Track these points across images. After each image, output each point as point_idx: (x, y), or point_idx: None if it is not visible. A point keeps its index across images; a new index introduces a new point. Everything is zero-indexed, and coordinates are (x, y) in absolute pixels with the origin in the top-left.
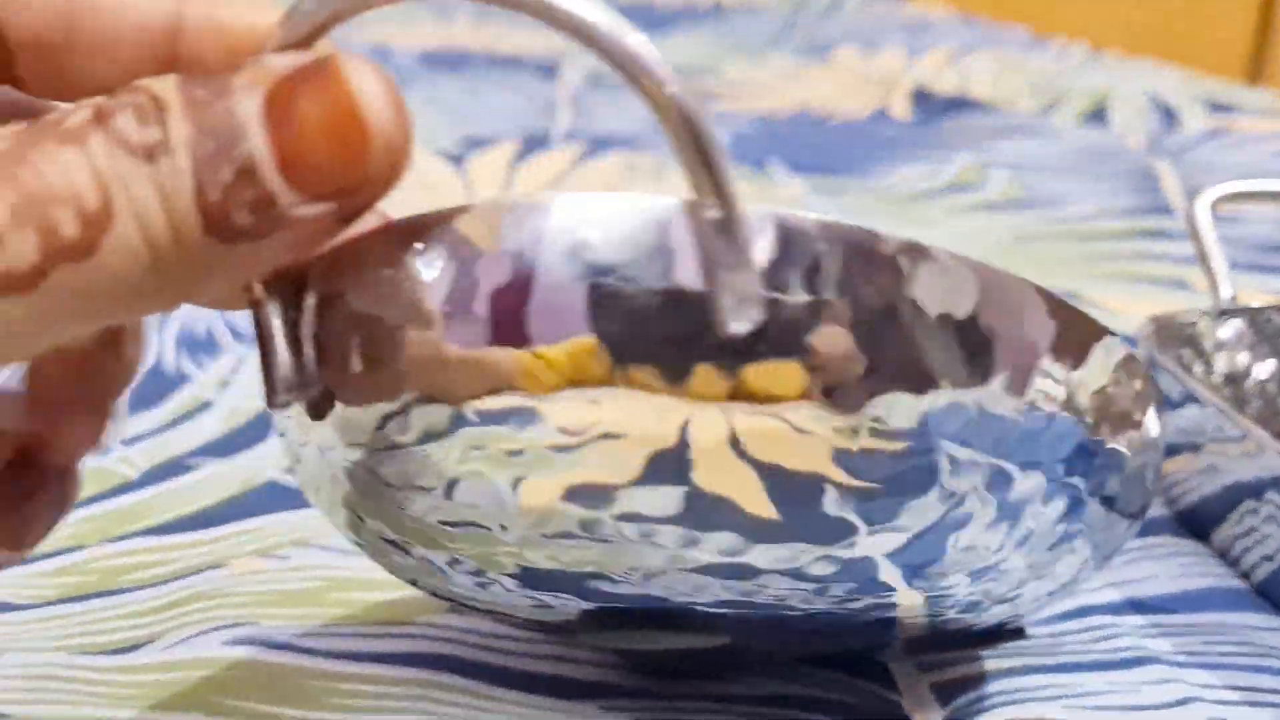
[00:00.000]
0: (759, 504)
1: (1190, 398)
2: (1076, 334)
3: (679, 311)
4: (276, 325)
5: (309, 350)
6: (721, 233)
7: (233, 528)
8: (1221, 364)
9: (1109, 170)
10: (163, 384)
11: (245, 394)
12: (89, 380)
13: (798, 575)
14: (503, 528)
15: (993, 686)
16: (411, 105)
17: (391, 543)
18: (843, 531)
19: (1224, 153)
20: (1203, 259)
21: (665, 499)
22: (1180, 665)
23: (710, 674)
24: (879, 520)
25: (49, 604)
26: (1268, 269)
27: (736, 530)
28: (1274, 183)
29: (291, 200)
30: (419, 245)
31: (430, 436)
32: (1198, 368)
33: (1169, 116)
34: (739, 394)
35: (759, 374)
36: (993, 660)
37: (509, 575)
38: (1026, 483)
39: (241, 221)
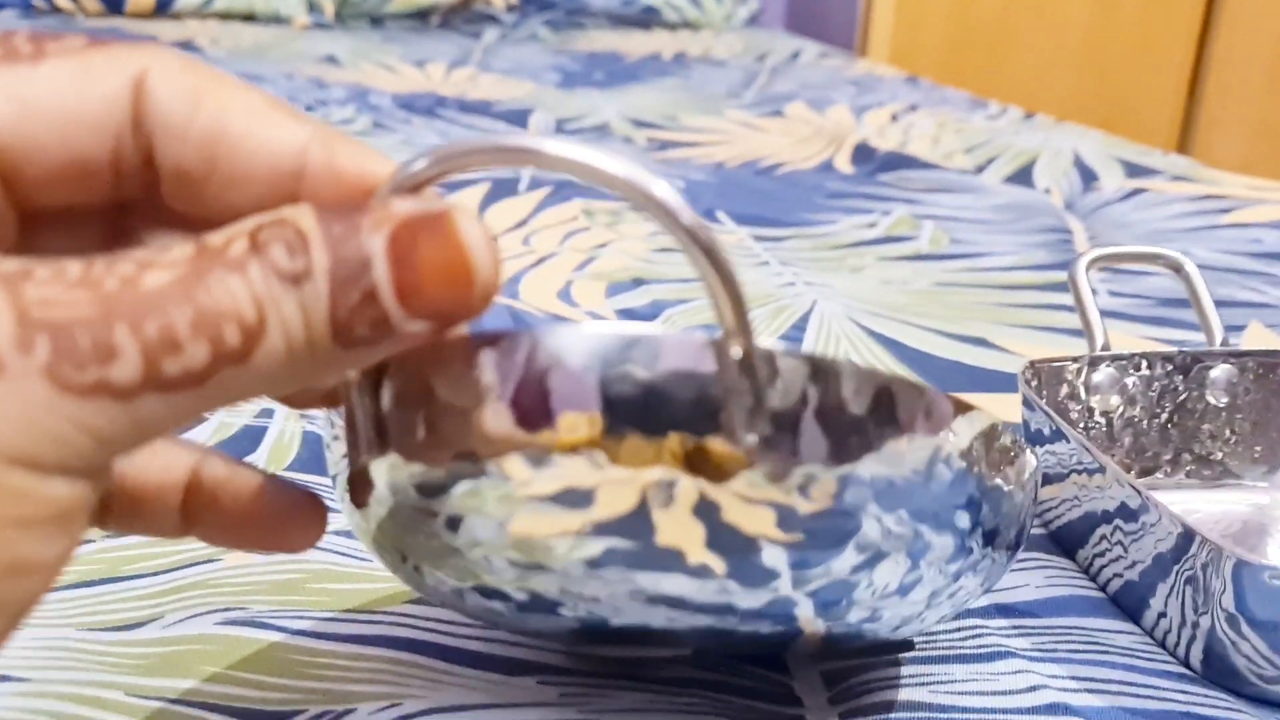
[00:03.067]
0: (702, 554)
1: (1060, 434)
2: (961, 413)
3: (664, 395)
4: (363, 403)
5: (385, 422)
6: (742, 368)
7: None
8: (1096, 404)
9: (1029, 226)
10: None
11: (231, 409)
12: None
13: (727, 610)
14: (496, 559)
15: (873, 674)
16: (387, 146)
17: (419, 570)
18: (771, 576)
19: (1137, 211)
20: (1081, 312)
21: (628, 545)
22: (1034, 659)
23: (646, 668)
24: (803, 567)
25: (62, 588)
26: (1167, 322)
27: (684, 573)
28: (1139, 248)
29: (403, 320)
30: (487, 351)
31: (459, 490)
32: (1075, 407)
33: (1089, 177)
34: (699, 457)
35: (718, 444)
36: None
37: (512, 599)
38: (928, 532)
39: (361, 334)
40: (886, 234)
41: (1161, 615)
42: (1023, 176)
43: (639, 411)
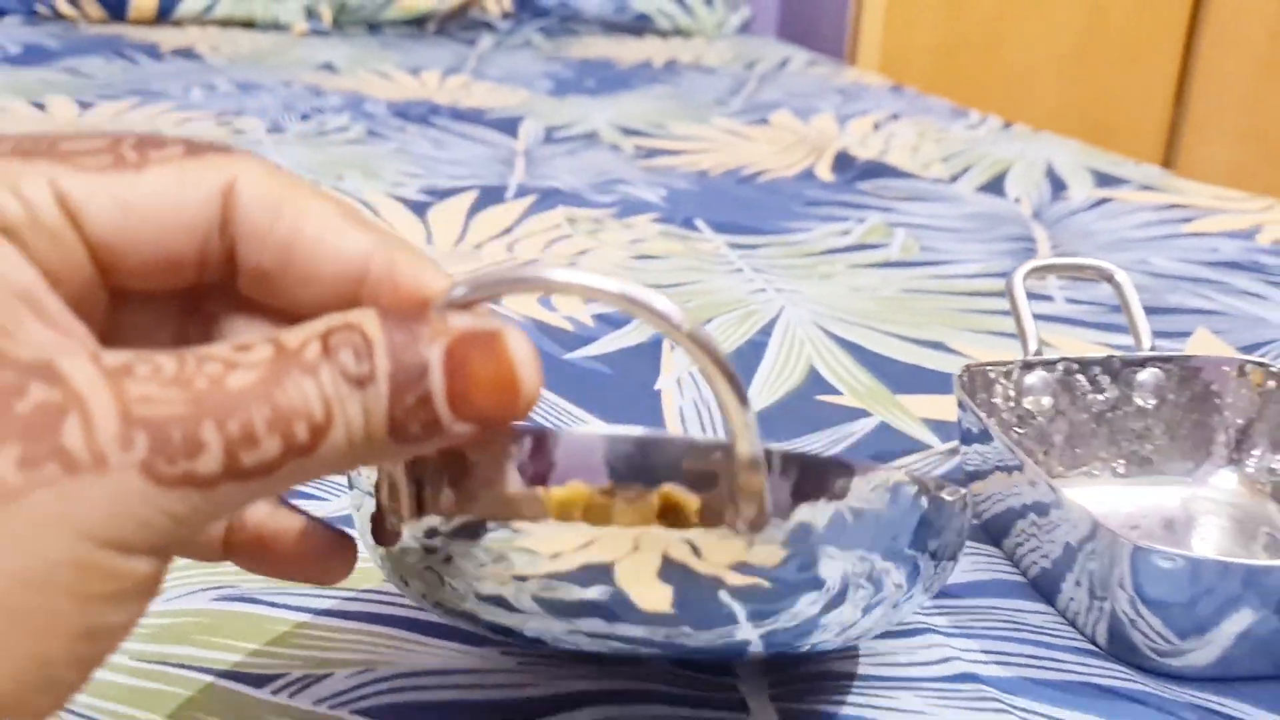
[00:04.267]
0: (659, 602)
1: (989, 434)
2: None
3: (648, 458)
4: (401, 474)
5: (422, 487)
6: (749, 466)
7: None
8: (1030, 405)
9: (997, 234)
10: None
11: None
12: None
13: (683, 648)
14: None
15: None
16: (381, 155)
17: (425, 595)
18: (730, 619)
19: (1102, 220)
20: (1016, 319)
21: (594, 592)
22: (950, 635)
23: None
24: (764, 612)
25: None
26: (1118, 327)
27: (642, 622)
28: (1073, 259)
29: (452, 423)
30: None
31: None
32: (1009, 408)
33: (1059, 186)
34: (672, 507)
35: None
36: None
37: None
38: (887, 563)
39: (414, 432)
40: (859, 241)
41: (1072, 597)
42: (995, 186)
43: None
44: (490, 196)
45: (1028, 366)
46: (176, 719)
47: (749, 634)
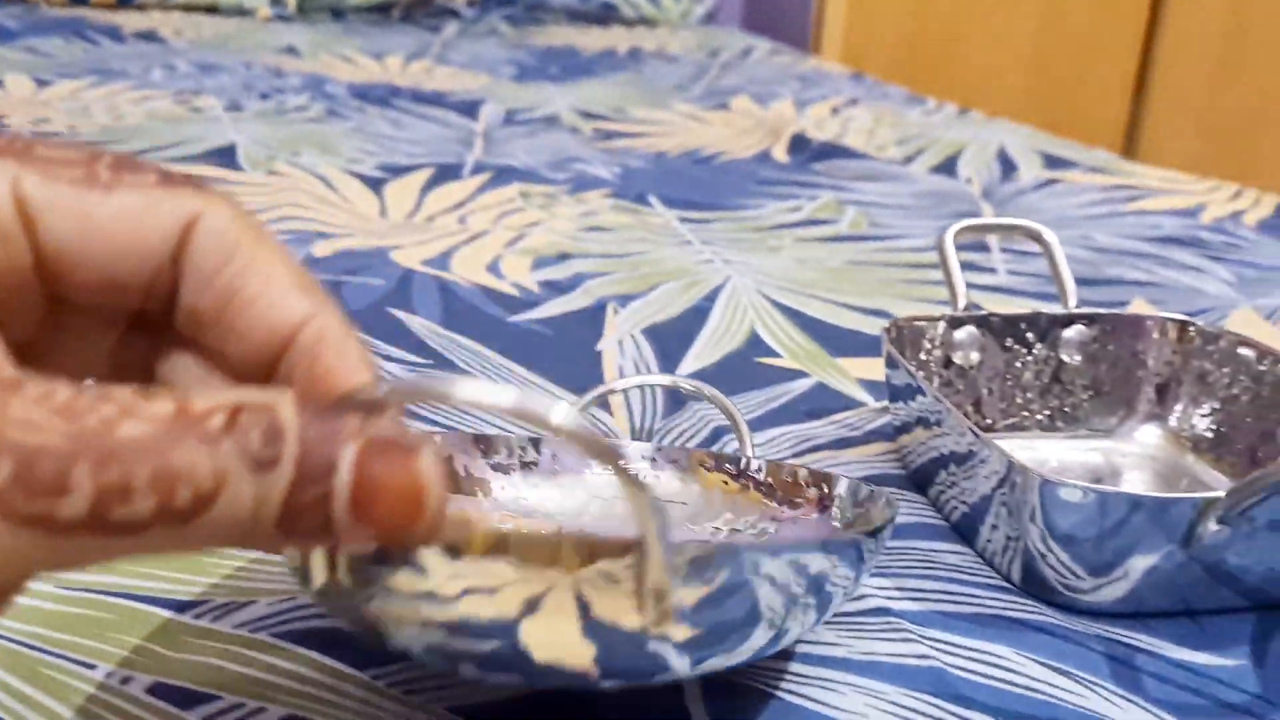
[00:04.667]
0: (580, 658)
1: (917, 388)
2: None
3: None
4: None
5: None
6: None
7: None
8: (959, 360)
9: (945, 211)
10: None
11: None
12: None
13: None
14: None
15: None
16: (339, 133)
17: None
18: (662, 665)
19: (1048, 199)
20: (946, 276)
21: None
22: (876, 574)
23: None
24: (706, 654)
25: None
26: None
27: (560, 681)
28: (1003, 220)
29: (346, 528)
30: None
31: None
32: (937, 364)
33: (1010, 168)
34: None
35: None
36: None
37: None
38: (829, 579)
39: (303, 528)
40: (810, 217)
41: (989, 538)
42: (947, 167)
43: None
44: (446, 173)
45: (956, 322)
46: (100, 640)
47: (682, 667)
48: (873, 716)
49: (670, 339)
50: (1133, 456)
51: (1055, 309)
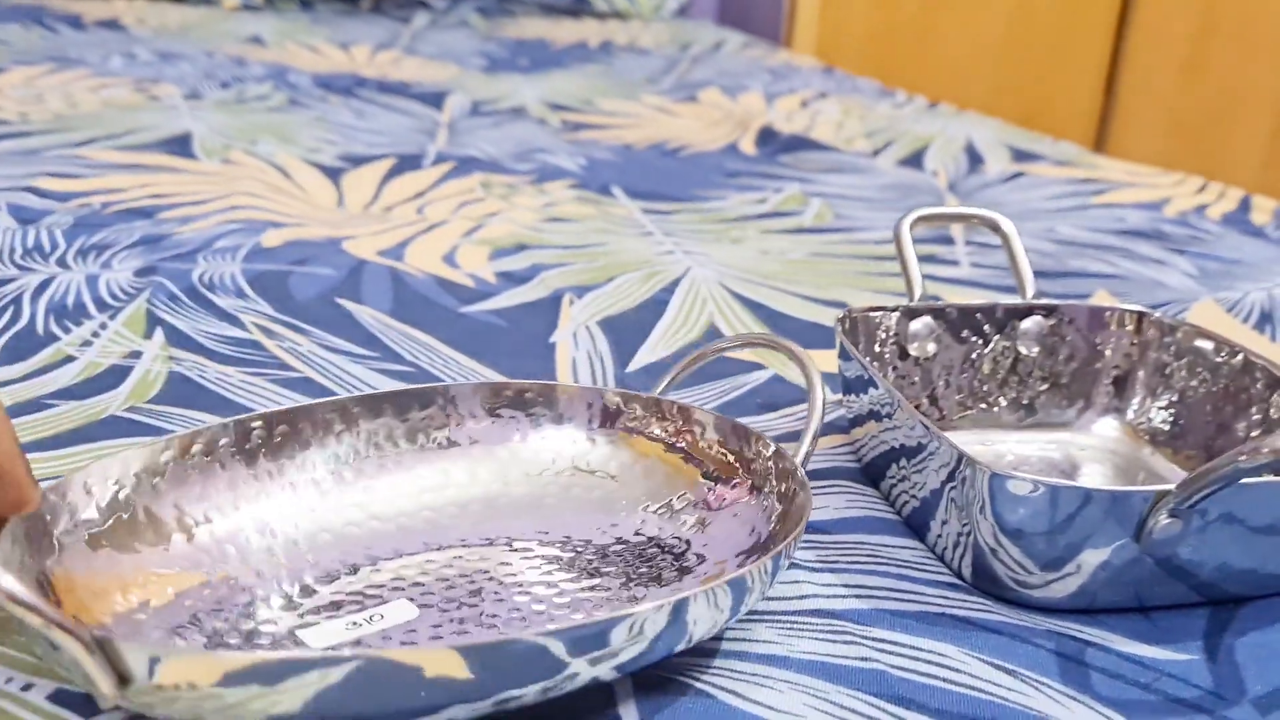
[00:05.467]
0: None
1: (871, 380)
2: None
3: None
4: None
5: None
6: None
7: (77, 449)
8: (915, 351)
9: (910, 204)
10: (33, 343)
11: (102, 351)
12: None
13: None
14: None
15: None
16: (301, 122)
17: None
18: (559, 667)
19: (1014, 192)
20: (902, 266)
21: None
22: (813, 570)
23: None
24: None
25: None
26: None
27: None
28: (960, 208)
29: None
30: None
31: None
32: (891, 355)
33: (977, 160)
34: None
35: None
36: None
37: None
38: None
39: None
40: (775, 209)
41: (940, 534)
42: (914, 160)
43: None
44: (407, 164)
45: (911, 313)
46: None
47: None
48: (811, 716)
49: (626, 331)
50: (1091, 450)
51: (1014, 300)
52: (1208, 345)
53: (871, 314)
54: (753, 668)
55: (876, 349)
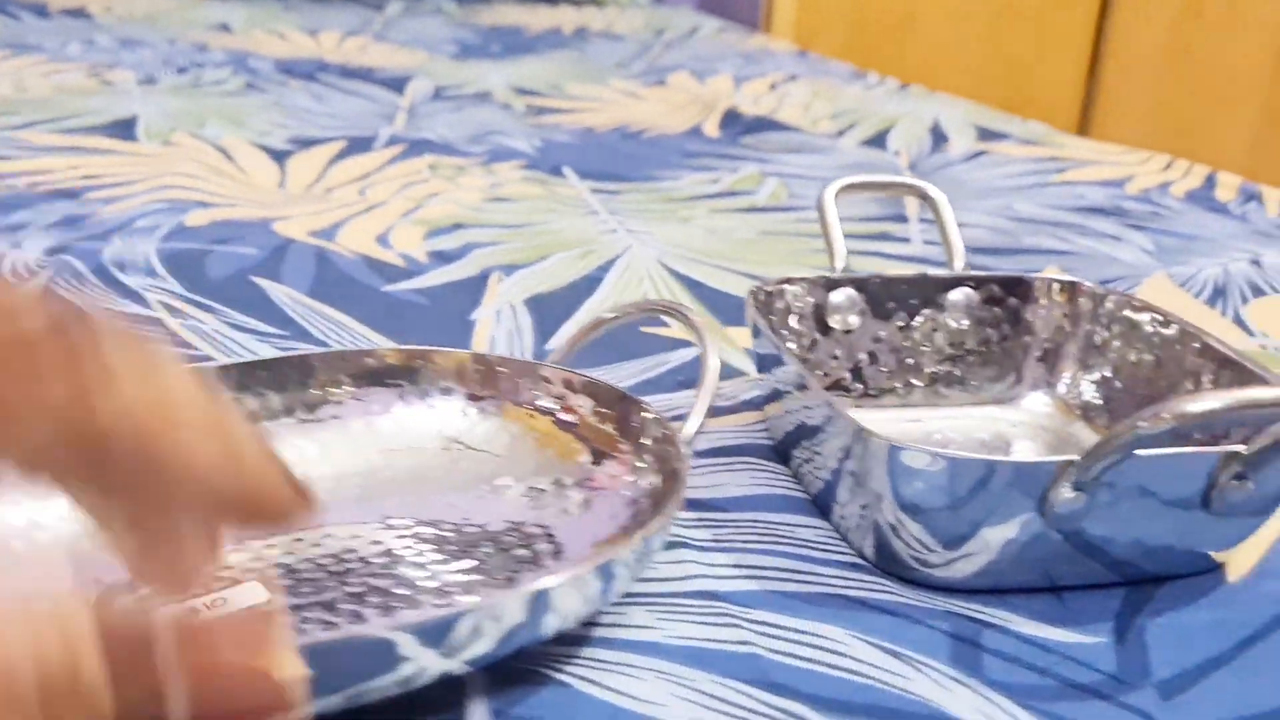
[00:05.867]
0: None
1: (778, 354)
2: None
3: None
4: None
5: None
6: None
7: None
8: (837, 324)
9: None
10: None
11: None
12: None
13: None
14: None
15: None
16: (258, 105)
17: None
18: (400, 662)
19: (974, 171)
20: (825, 236)
21: None
22: (703, 549)
23: None
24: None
25: None
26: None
27: None
28: (888, 177)
29: None
30: None
31: None
32: (810, 328)
33: (941, 140)
34: None
35: None
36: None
37: None
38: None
39: None
40: (728, 189)
41: (843, 514)
42: (878, 140)
43: None
44: (357, 146)
45: (831, 284)
46: None
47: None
48: (673, 705)
49: (553, 308)
50: (1023, 426)
51: (942, 272)
52: (1142, 317)
53: (791, 286)
54: (619, 655)
55: (795, 323)
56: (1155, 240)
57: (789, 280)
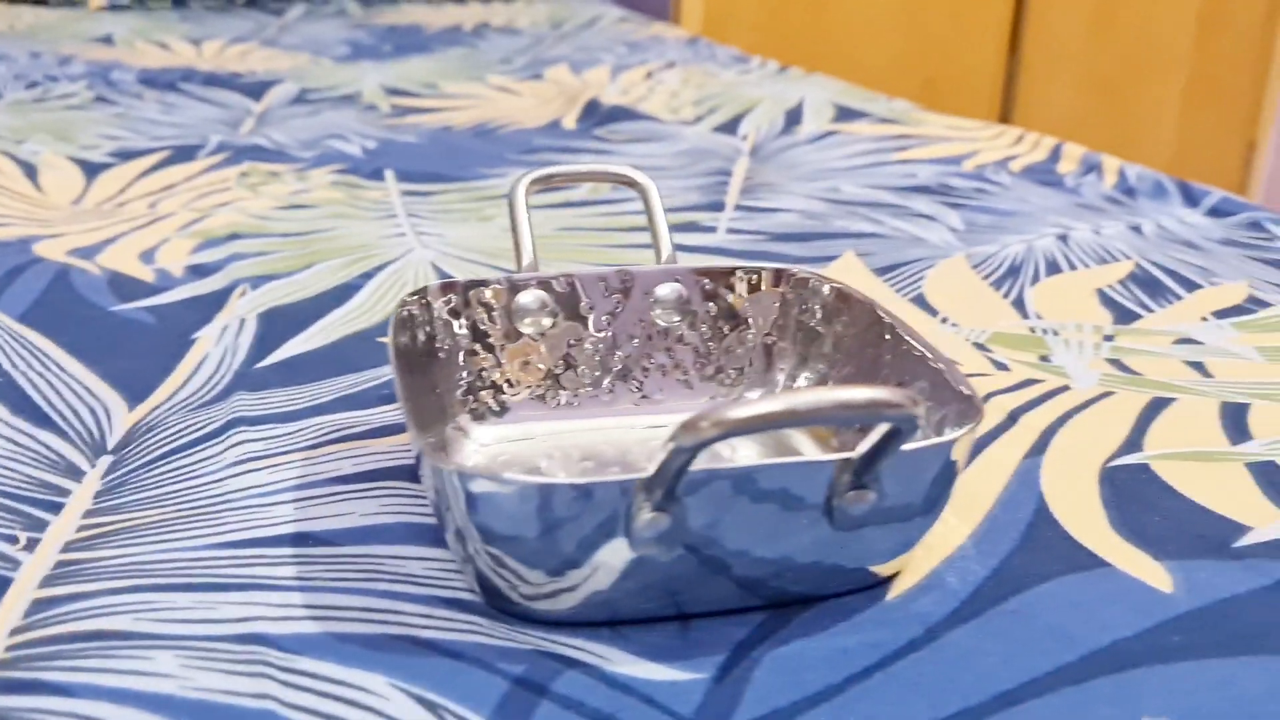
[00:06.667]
0: None
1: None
2: None
3: None
4: None
5: None
6: None
7: None
8: (527, 327)
9: (699, 170)
10: None
11: None
12: None
13: None
14: None
15: (82, 604)
16: (92, 119)
17: None
18: None
19: (814, 153)
20: (514, 233)
21: None
22: (278, 588)
23: None
24: None
25: None
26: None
27: None
28: (589, 167)
29: None
30: None
31: None
32: (496, 330)
33: (794, 122)
34: None
35: None
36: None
37: None
38: None
39: None
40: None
41: (452, 545)
42: (731, 125)
43: None
44: (181, 155)
45: (517, 287)
46: None
47: None
48: None
49: (289, 321)
50: None
51: (647, 266)
52: (849, 303)
53: (472, 288)
54: (125, 713)
55: (481, 327)
56: (968, 219)
57: (452, 284)
